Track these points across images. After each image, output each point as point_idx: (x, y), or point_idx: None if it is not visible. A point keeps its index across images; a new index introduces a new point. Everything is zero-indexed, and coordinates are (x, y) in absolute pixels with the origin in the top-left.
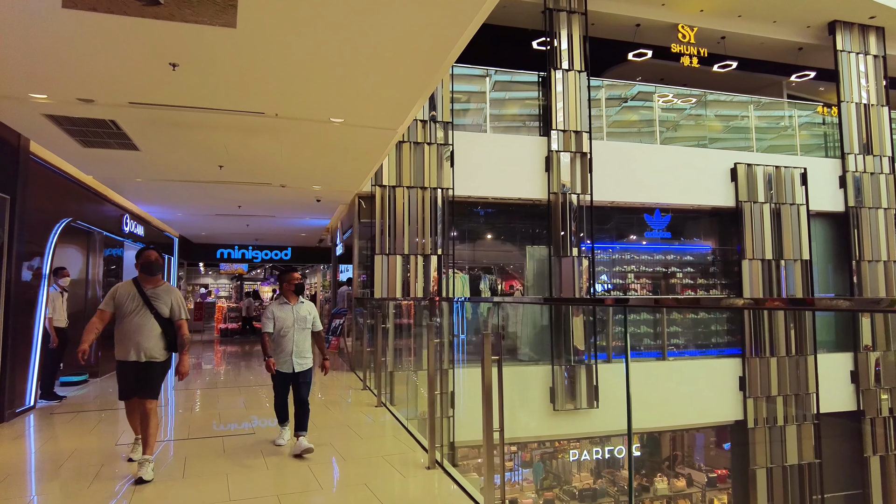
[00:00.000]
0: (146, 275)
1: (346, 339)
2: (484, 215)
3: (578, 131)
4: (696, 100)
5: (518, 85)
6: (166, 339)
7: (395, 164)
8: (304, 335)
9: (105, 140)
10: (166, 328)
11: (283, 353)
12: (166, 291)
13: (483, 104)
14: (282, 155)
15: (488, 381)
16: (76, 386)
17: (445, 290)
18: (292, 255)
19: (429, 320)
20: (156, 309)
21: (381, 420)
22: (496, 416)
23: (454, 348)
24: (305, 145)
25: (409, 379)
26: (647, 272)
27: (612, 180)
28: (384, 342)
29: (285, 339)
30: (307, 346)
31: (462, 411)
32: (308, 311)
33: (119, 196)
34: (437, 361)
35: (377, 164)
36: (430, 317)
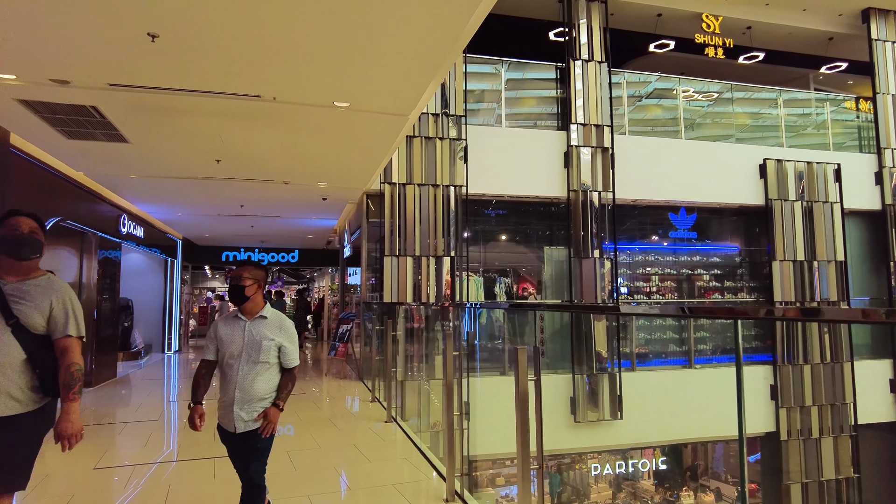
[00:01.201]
0: (7, 257)
1: (355, 345)
2: (498, 215)
3: (599, 125)
4: (717, 94)
5: (533, 78)
6: (37, 372)
7: (405, 161)
8: (257, 373)
9: (90, 130)
10: (37, 352)
11: (224, 397)
12: (44, 288)
13: (496, 99)
14: (283, 147)
15: (524, 404)
16: None
17: (459, 294)
18: (299, 258)
19: (446, 328)
20: (17, 318)
21: (390, 438)
22: (534, 442)
23: (470, 356)
24: (308, 135)
25: (420, 389)
26: (671, 274)
27: (635, 177)
28: (394, 350)
29: (228, 377)
30: (261, 391)
31: (478, 423)
32: (270, 332)
33: (115, 195)
34: (456, 375)
35: (386, 157)
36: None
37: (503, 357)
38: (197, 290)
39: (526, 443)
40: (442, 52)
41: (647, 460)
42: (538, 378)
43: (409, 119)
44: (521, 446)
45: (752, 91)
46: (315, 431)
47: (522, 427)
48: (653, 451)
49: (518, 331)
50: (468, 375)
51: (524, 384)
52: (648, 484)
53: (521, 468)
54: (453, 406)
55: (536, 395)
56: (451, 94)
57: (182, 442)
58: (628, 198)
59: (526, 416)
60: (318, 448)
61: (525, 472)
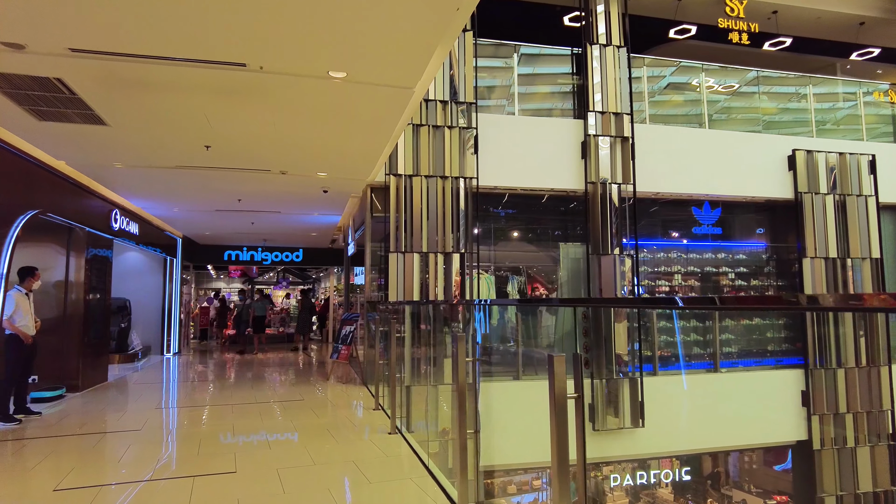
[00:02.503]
0: None
1: (358, 348)
2: (510, 209)
3: (619, 113)
4: (735, 87)
5: (547, 63)
6: None
7: (411, 150)
8: None
9: (61, 110)
10: None
11: None
12: None
13: (507, 88)
14: (276, 130)
15: (562, 437)
16: (50, 402)
17: (469, 293)
18: (304, 257)
19: (456, 330)
20: None
21: (395, 453)
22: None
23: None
24: (303, 115)
25: (428, 395)
26: (694, 273)
27: (656, 169)
28: (399, 353)
29: None
30: None
31: (491, 432)
32: None
33: (104, 188)
34: (469, 385)
35: (391, 144)
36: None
37: (517, 360)
38: (201, 291)
39: (565, 479)
40: (449, 10)
41: (668, 470)
42: (580, 394)
43: (415, 93)
44: (559, 481)
45: (778, 84)
46: (311, 444)
47: (560, 457)
48: (671, 460)
49: (534, 332)
50: (478, 382)
51: (561, 405)
52: (666, 492)
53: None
54: (466, 422)
55: (578, 417)
56: (461, 80)
57: (163, 457)
58: (649, 191)
59: (564, 444)
60: (312, 465)
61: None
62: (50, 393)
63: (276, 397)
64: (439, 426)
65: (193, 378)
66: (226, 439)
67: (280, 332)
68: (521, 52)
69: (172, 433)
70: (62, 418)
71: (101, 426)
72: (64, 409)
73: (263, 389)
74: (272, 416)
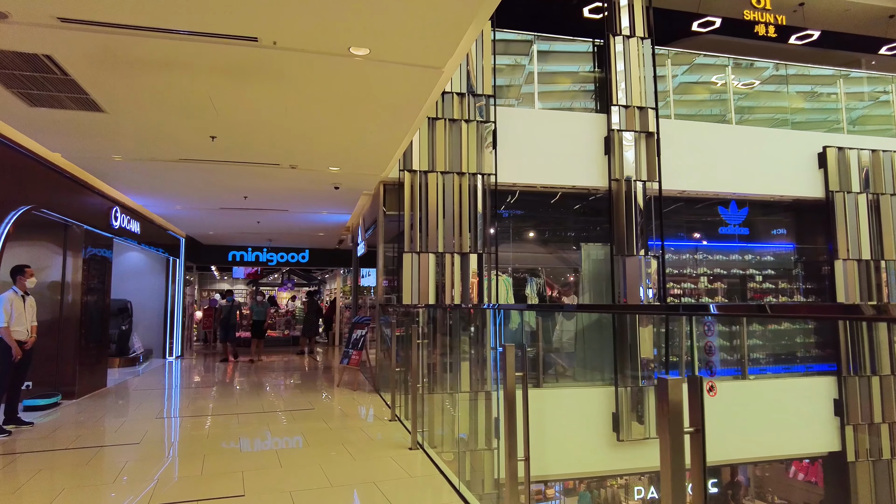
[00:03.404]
0: None
1: (369, 353)
2: (529, 207)
3: (643, 107)
4: (757, 83)
5: (560, 61)
6: None
7: (427, 145)
8: None
9: (53, 93)
10: None
11: None
12: None
13: (525, 79)
14: (287, 117)
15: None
16: (44, 410)
17: (487, 295)
18: (310, 258)
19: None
20: None
21: (418, 472)
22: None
23: (496, 365)
24: (317, 99)
25: (449, 405)
26: (720, 275)
27: (681, 166)
28: (418, 359)
29: None
30: None
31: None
32: None
33: (103, 183)
34: (521, 407)
35: (411, 132)
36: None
37: (538, 366)
38: (205, 293)
39: None
40: None
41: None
42: (702, 448)
43: (443, 75)
44: None
45: (807, 82)
46: (326, 461)
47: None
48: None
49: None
50: (496, 387)
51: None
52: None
53: None
54: (516, 448)
55: (695, 456)
56: (478, 70)
57: (163, 476)
58: (674, 189)
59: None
60: (328, 487)
61: None
62: (44, 401)
63: (283, 405)
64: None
65: (196, 383)
66: (232, 455)
67: (285, 334)
68: (535, 48)
69: (173, 447)
70: (56, 429)
71: (96, 438)
72: (58, 418)
73: (270, 397)
74: (281, 428)
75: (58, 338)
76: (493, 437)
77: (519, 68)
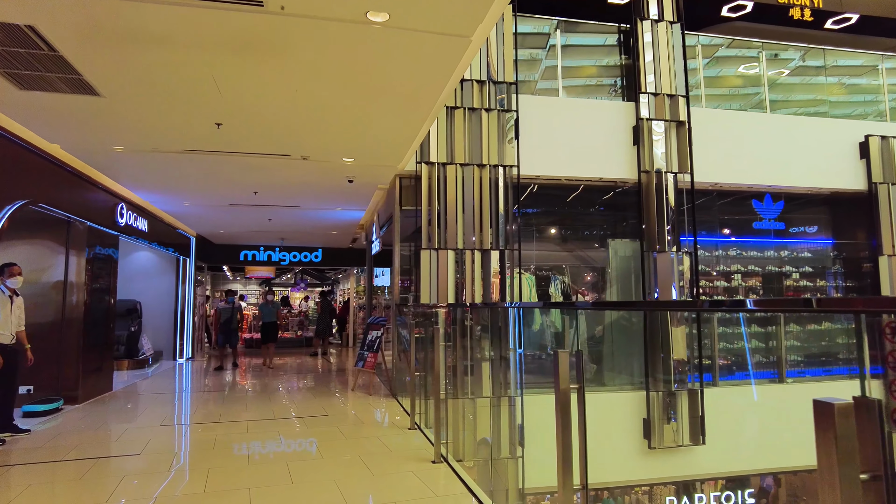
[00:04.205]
0: None
1: (385, 355)
2: (552, 201)
3: (673, 95)
4: (787, 73)
5: (589, 45)
6: None
7: (445, 136)
8: None
9: (43, 74)
10: None
11: None
12: None
13: (540, 73)
14: (297, 100)
15: None
16: (44, 416)
17: (510, 294)
18: (323, 258)
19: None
20: None
21: (443, 490)
22: None
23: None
24: (330, 77)
25: (469, 412)
26: (754, 272)
27: (713, 157)
28: (442, 364)
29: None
30: None
31: (534, 449)
32: None
33: (107, 178)
34: (578, 430)
35: (432, 116)
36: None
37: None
38: (218, 293)
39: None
40: None
41: (730, 493)
42: None
43: (472, 45)
44: None
45: (843, 73)
46: (341, 477)
47: None
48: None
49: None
50: (520, 391)
51: None
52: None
53: None
54: (571, 473)
55: None
56: (497, 56)
57: (163, 496)
58: (706, 182)
59: None
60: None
61: None
62: (45, 406)
63: (295, 411)
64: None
65: (205, 387)
66: (238, 469)
67: (298, 335)
68: (551, 43)
69: (177, 459)
70: (53, 437)
71: (95, 448)
72: (58, 424)
73: (282, 401)
74: (293, 437)
75: (60, 340)
76: (516, 444)
77: (535, 63)
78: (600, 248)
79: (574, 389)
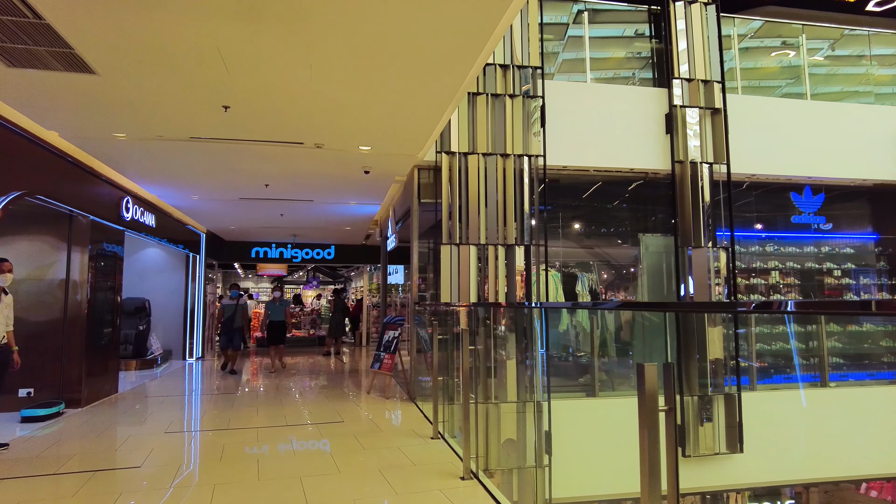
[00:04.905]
0: None
1: (402, 356)
2: (579, 193)
3: (708, 81)
4: (822, 59)
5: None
6: None
7: (467, 124)
8: None
9: (31, 47)
10: None
11: None
12: None
13: (557, 67)
14: (312, 78)
15: None
16: (44, 421)
17: (536, 293)
18: (336, 255)
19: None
20: None
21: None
22: None
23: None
24: (348, 48)
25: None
26: (793, 269)
27: (749, 147)
28: (470, 368)
29: None
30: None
31: (564, 458)
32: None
33: (111, 170)
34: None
35: (459, 96)
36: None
37: (592, 372)
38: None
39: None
40: None
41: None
42: None
43: (513, 5)
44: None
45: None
46: (360, 497)
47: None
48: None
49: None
50: (547, 395)
51: None
52: None
53: None
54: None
55: None
56: (522, 39)
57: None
58: (742, 173)
59: None
60: None
61: None
62: (45, 410)
63: (309, 417)
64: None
65: (215, 388)
66: (246, 487)
67: (310, 334)
68: (569, 34)
69: (179, 473)
70: (49, 445)
71: (92, 459)
72: (57, 431)
73: (295, 405)
74: (306, 448)
75: (62, 340)
76: (543, 453)
77: (551, 57)
78: (629, 243)
79: (665, 411)
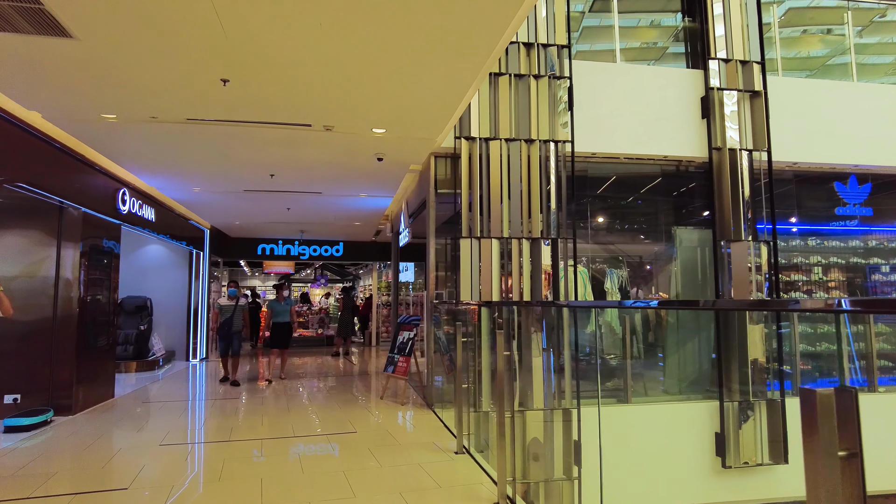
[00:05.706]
0: None
1: (418, 359)
2: (607, 182)
3: (746, 61)
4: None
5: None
6: None
7: (488, 107)
8: None
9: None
10: None
11: None
12: None
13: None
14: (320, 43)
15: None
16: (29, 431)
17: (564, 290)
18: (344, 252)
19: None
20: None
21: None
22: None
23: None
24: (363, 11)
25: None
26: (837, 264)
27: (791, 133)
28: (507, 377)
29: None
30: None
31: (595, 469)
32: None
33: (105, 159)
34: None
35: (484, 72)
36: None
37: (624, 376)
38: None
39: None
40: None
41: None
42: None
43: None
44: None
45: None
46: None
47: None
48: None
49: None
50: (576, 401)
51: None
52: None
53: None
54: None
55: None
56: (548, 16)
57: None
58: (783, 161)
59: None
60: None
61: None
62: (30, 420)
63: (319, 426)
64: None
65: (218, 393)
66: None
67: (318, 334)
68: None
69: (171, 495)
70: (29, 461)
71: (74, 479)
72: (42, 442)
73: (303, 411)
74: (317, 465)
75: (51, 342)
76: (572, 464)
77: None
78: (662, 237)
79: (845, 457)
